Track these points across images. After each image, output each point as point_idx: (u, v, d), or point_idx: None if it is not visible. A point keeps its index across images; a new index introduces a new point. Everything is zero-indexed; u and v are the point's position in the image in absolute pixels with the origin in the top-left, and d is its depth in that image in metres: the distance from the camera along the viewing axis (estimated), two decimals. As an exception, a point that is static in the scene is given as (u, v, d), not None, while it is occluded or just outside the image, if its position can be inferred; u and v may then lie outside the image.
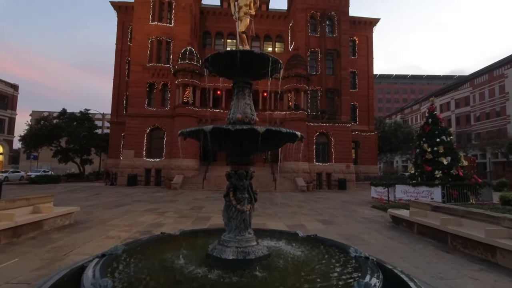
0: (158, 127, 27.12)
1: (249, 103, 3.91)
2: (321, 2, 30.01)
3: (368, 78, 34.17)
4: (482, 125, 51.54)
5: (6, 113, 43.53)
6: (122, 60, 31.98)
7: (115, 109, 31.79)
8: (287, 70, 27.11)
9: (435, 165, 15.55)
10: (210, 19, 33.38)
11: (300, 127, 26.70)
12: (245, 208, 3.57)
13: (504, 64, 55.01)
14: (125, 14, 32.13)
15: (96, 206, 12.52)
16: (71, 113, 36.83)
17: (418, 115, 70.56)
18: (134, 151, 26.59)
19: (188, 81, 26.11)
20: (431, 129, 16.29)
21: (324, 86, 29.12)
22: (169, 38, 28.01)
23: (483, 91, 52.20)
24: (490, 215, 6.37)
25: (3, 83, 43.13)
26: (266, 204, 14.20)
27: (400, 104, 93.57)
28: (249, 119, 3.78)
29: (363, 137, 32.75)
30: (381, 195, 15.74)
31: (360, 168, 31.65)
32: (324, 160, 28.04)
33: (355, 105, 33.17)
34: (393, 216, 9.45)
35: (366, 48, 34.56)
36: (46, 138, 32.86)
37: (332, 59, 29.89)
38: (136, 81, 27.44)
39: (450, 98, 59.90)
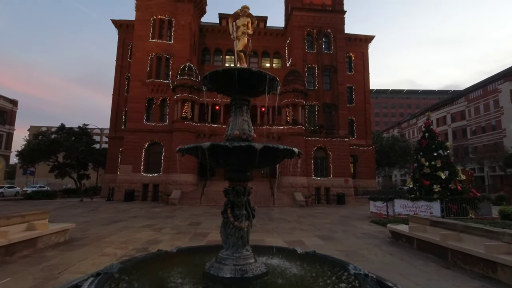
0: (156, 142, 27.14)
1: (246, 120, 3.97)
2: (317, 20, 30.83)
3: (364, 93, 34.66)
4: (479, 139, 51.94)
5: (4, 128, 43.49)
6: (122, 76, 32.37)
7: (114, 124, 31.89)
8: (285, 85, 27.50)
9: (433, 179, 15.55)
10: (209, 36, 34.12)
11: (298, 142, 26.80)
12: (243, 225, 3.55)
13: (497, 79, 56.12)
14: (125, 31, 32.81)
15: (92, 222, 12.34)
16: (70, 128, 36.86)
17: (415, 129, 71.13)
18: (132, 166, 26.47)
19: (186, 96, 26.36)
20: (428, 143, 16.39)
21: (321, 101, 29.47)
22: (169, 55, 28.49)
23: (478, 106, 52.94)
24: (489, 230, 6.34)
25: (3, 98, 43.32)
26: (265, 219, 14.06)
27: (397, 119, 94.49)
28: (246, 136, 3.83)
29: (361, 151, 32.87)
30: (380, 209, 15.65)
31: (358, 182, 31.59)
32: (322, 174, 28.00)
33: (353, 120, 33.47)
34: (393, 231, 9.37)
35: (362, 64, 35.25)
36: (43, 153, 32.72)
37: (329, 74, 30.40)
38: (135, 97, 27.69)
39: (446, 113, 60.63)
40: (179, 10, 29.16)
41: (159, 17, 28.58)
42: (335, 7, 31.56)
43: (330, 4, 31.78)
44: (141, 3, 28.91)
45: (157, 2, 28.61)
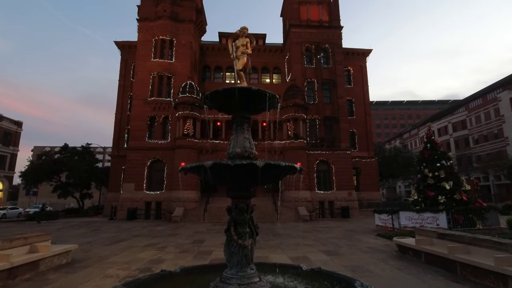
0: (158, 159, 27.21)
1: (248, 137, 4.02)
2: (315, 36, 31.50)
3: (364, 105, 34.89)
4: (482, 148, 51.69)
5: (8, 149, 43.85)
6: (124, 95, 32.88)
7: (116, 142, 32.12)
8: (285, 100, 27.78)
9: (437, 190, 15.40)
10: (209, 54, 34.85)
11: (300, 156, 26.81)
12: (246, 243, 3.54)
13: (496, 88, 56.43)
14: (128, 52, 33.59)
15: (95, 242, 12.23)
16: (73, 147, 37.10)
17: (417, 140, 70.99)
18: (135, 184, 26.44)
19: (188, 114, 26.64)
20: (431, 154, 16.34)
21: (322, 115, 29.65)
22: (170, 73, 29.02)
23: (479, 115, 53.01)
24: (498, 241, 6.23)
25: (8, 120, 43.93)
26: (269, 235, 13.88)
27: (398, 130, 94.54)
28: (248, 153, 3.87)
29: (363, 163, 32.74)
30: (386, 222, 15.42)
31: (362, 195, 31.28)
32: (325, 188, 27.80)
33: (354, 132, 33.53)
34: (399, 245, 9.21)
35: (361, 77, 35.67)
36: (46, 173, 32.83)
37: (329, 88, 30.73)
38: (137, 115, 28.01)
39: (447, 122, 60.67)
40: (180, 31, 29.94)
41: (161, 37, 29.31)
42: (332, 23, 32.29)
43: (327, 20, 32.55)
44: (143, 25, 29.74)
45: (159, 24, 29.43)
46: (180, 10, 30.40)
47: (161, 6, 29.67)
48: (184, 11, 30.53)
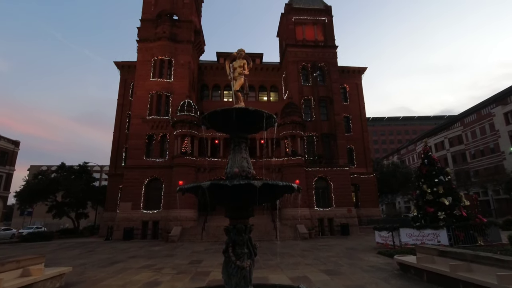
0: (156, 178, 27.03)
1: (245, 157, 4.06)
2: (311, 55, 32.27)
3: (361, 121, 35.23)
4: (479, 162, 51.89)
5: (5, 169, 43.47)
6: (123, 114, 33.06)
7: (114, 161, 31.97)
8: (283, 117, 28.05)
9: (437, 206, 15.33)
10: (207, 73, 35.47)
11: (299, 173, 26.76)
12: (245, 264, 3.49)
13: (489, 103, 57.44)
14: (127, 72, 34.11)
15: (89, 264, 11.93)
16: (70, 166, 36.84)
17: (414, 155, 71.26)
18: (132, 203, 26.10)
19: (186, 132, 26.75)
20: (428, 170, 16.38)
21: (319, 132, 29.86)
22: (169, 92, 29.38)
23: (474, 130, 53.60)
24: (500, 258, 6.16)
25: (5, 140, 43.82)
26: (267, 254, 13.62)
27: (396, 145, 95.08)
28: (246, 173, 3.89)
29: (362, 179, 32.66)
30: (386, 240, 15.22)
31: (362, 211, 31.00)
32: (325, 205, 27.56)
33: (352, 148, 33.66)
34: (400, 263, 9.07)
35: (357, 94, 36.23)
36: (42, 193, 32.39)
37: (325, 105, 31.13)
38: (135, 134, 28.07)
39: (443, 138, 61.18)
40: (179, 51, 30.59)
41: (160, 57, 29.90)
42: (327, 43, 33.19)
43: (322, 40, 33.47)
44: (142, 45, 30.39)
45: (158, 44, 30.10)
46: (179, 32, 31.19)
47: (160, 27, 30.47)
48: (183, 32, 31.32)
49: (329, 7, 34.74)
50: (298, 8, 34.33)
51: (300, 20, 33.80)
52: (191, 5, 32.82)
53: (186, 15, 32.26)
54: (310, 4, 35.21)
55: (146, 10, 31.86)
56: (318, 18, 34.14)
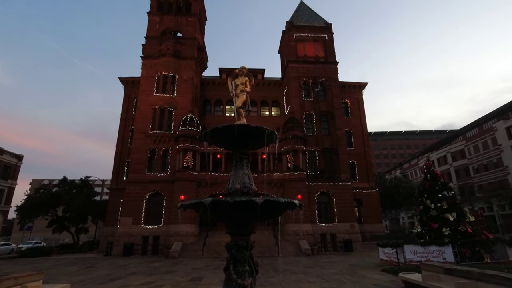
0: (157, 192, 26.94)
1: (247, 173, 4.08)
2: (312, 71, 32.75)
3: (363, 136, 35.28)
4: (483, 177, 51.39)
5: (7, 183, 43.50)
6: (126, 129, 33.36)
7: (116, 175, 31.98)
8: (285, 132, 28.17)
9: (441, 222, 15.11)
10: (210, 88, 35.97)
11: (300, 188, 26.60)
12: (246, 283, 3.46)
13: (491, 118, 57.54)
14: (131, 87, 34.67)
15: (88, 281, 11.74)
16: (72, 180, 36.85)
17: (417, 170, 70.78)
18: (132, 218, 25.90)
19: (188, 146, 26.86)
20: (431, 184, 16.25)
21: (321, 146, 29.88)
22: (171, 107, 29.72)
23: (477, 144, 53.41)
24: (507, 277, 6.04)
25: (9, 154, 44.09)
26: (269, 271, 13.36)
27: (398, 160, 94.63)
28: (247, 189, 3.91)
29: (364, 194, 32.36)
30: (390, 256, 14.93)
31: (365, 227, 30.55)
32: (327, 220, 27.22)
33: (354, 163, 33.55)
34: (405, 281, 8.87)
35: (358, 109, 36.47)
36: (43, 207, 32.26)
37: (327, 120, 31.29)
38: (138, 148, 28.20)
39: (446, 152, 60.91)
40: (182, 67, 31.17)
41: (163, 73, 30.44)
42: (328, 59, 33.73)
43: (323, 56, 34.05)
44: (147, 62, 31.03)
45: (162, 61, 30.71)
46: (183, 48, 31.90)
47: (164, 44, 31.19)
48: (186, 49, 32.02)
49: (329, 25, 35.52)
50: (299, 26, 35.12)
51: (301, 37, 34.51)
52: (194, 23, 33.70)
53: (190, 32, 33.08)
54: (311, 22, 36.05)
55: (151, 28, 32.73)
56: (318, 35, 34.86)
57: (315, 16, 37.60)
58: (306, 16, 37.48)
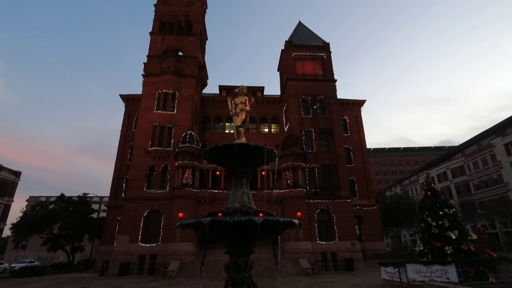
0: (156, 209, 26.63)
1: (246, 192, 4.09)
2: (311, 88, 33.25)
3: (362, 153, 35.33)
4: (483, 194, 51.04)
5: (3, 200, 43.04)
6: (125, 145, 33.40)
7: (114, 192, 31.71)
8: (284, 149, 28.24)
9: (443, 240, 14.87)
10: (209, 105, 36.37)
11: (300, 205, 26.37)
12: (245, 305, 3.38)
13: (489, 134, 57.83)
14: (132, 104, 35.02)
15: (83, 303, 11.39)
16: (69, 197, 36.43)
17: (417, 186, 70.40)
18: (130, 236, 25.45)
19: (187, 163, 26.82)
20: (432, 202, 16.13)
21: (320, 163, 29.86)
22: (171, 124, 29.91)
23: (476, 160, 53.41)
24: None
25: (7, 170, 43.89)
26: (269, 292, 13.01)
27: (398, 176, 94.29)
28: (247, 208, 3.90)
29: (365, 211, 32.02)
30: (393, 276, 14.61)
31: (366, 245, 30.01)
32: (327, 238, 26.78)
33: (353, 180, 33.40)
34: (408, 302, 8.64)
35: (357, 126, 36.73)
36: (39, 224, 31.69)
37: (326, 137, 31.45)
38: (137, 164, 28.13)
39: (445, 168, 60.80)
40: (183, 84, 31.64)
41: (164, 91, 30.85)
42: (326, 77, 34.35)
43: (322, 74, 34.69)
44: (148, 80, 31.53)
45: (163, 79, 31.22)
46: (184, 67, 32.51)
47: (166, 63, 31.80)
48: (187, 67, 32.63)
49: (327, 44, 36.42)
50: (298, 45, 36.01)
51: (300, 56, 35.29)
52: (195, 42, 34.53)
53: (191, 51, 33.82)
54: (309, 41, 36.98)
55: (153, 47, 33.48)
56: (317, 54, 35.66)
57: (313, 36, 38.61)
58: (304, 35, 38.50)
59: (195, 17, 36.16)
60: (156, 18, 35.40)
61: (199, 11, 36.78)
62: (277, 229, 3.66)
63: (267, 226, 3.35)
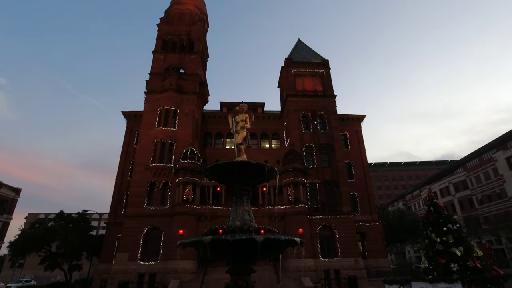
0: (156, 226, 26.34)
1: (247, 210, 4.09)
2: (311, 104, 33.62)
3: (363, 168, 35.23)
4: (487, 208, 50.41)
5: (2, 217, 42.66)
6: (126, 162, 33.43)
7: (114, 209, 31.45)
8: (285, 164, 28.23)
9: (448, 257, 14.59)
10: (210, 122, 36.67)
11: (302, 221, 26.08)
12: (246, 327, 3.32)
13: (490, 148, 57.78)
14: (134, 121, 35.33)
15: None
16: (69, 214, 36.05)
17: (420, 201, 69.68)
18: (129, 254, 25.05)
19: (188, 179, 26.77)
20: (435, 217, 15.94)
21: (322, 179, 29.75)
22: (172, 140, 30.07)
23: (478, 175, 53.11)
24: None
25: (7, 187, 43.73)
26: (272, 313, 12.65)
27: (400, 191, 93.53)
28: (248, 226, 3.89)
29: (367, 227, 31.56)
30: (398, 295, 14.23)
31: (370, 262, 29.37)
32: (330, 255, 26.29)
33: (355, 195, 33.15)
34: (415, 323, 8.39)
35: (357, 141, 36.82)
36: (37, 243, 31.22)
37: (327, 152, 31.49)
38: (137, 181, 28.07)
39: (448, 183, 60.38)
40: (184, 101, 32.05)
41: (166, 107, 31.23)
42: (326, 93, 34.79)
43: (321, 90, 35.16)
44: (150, 96, 31.98)
45: (165, 95, 31.67)
46: (185, 84, 33.06)
47: (168, 80, 32.37)
48: (189, 84, 33.17)
49: (326, 61, 37.11)
50: (297, 62, 36.71)
51: (300, 72, 35.89)
52: (197, 60, 35.25)
53: (192, 69, 34.48)
54: (308, 58, 37.72)
55: (155, 65, 34.18)
56: (316, 70, 36.29)
57: (312, 53, 39.41)
58: (303, 53, 39.31)
59: (197, 36, 37.09)
60: (159, 37, 36.31)
61: (200, 30, 37.76)
62: (278, 247, 3.65)
63: (268, 244, 3.35)
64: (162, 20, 37.65)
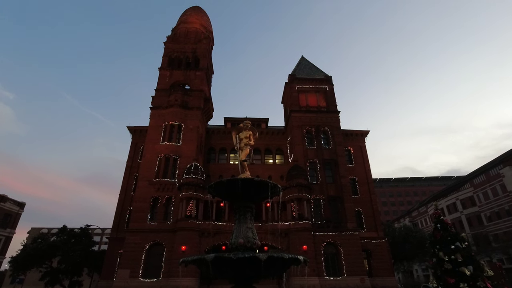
0: (158, 242, 26.07)
1: (250, 227, 4.08)
2: (314, 120, 33.78)
3: (368, 183, 34.87)
4: (497, 226, 49.15)
5: (5, 232, 42.51)
6: (130, 176, 33.54)
7: (117, 224, 31.31)
8: (289, 180, 28.08)
9: (458, 277, 14.13)
10: (215, 137, 36.90)
11: (306, 238, 25.67)
12: None
13: (496, 164, 56.97)
14: (139, 136, 35.74)
15: None
16: (71, 229, 35.90)
17: (426, 218, 68.27)
18: (130, 271, 24.70)
19: (192, 194, 26.69)
20: (443, 235, 15.55)
21: (326, 194, 29.47)
22: (176, 155, 30.23)
23: (486, 191, 52.15)
24: None
25: (11, 202, 43.82)
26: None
27: (406, 207, 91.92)
28: (251, 244, 3.88)
29: (373, 245, 30.87)
30: (406, 316, 13.75)
31: (376, 281, 28.55)
32: (335, 273, 25.65)
33: (360, 211, 32.64)
34: None
35: (361, 156, 36.64)
36: (39, 258, 30.98)
37: (331, 168, 31.33)
38: (141, 196, 28.05)
39: (455, 199, 59.29)
40: (189, 117, 32.45)
41: (170, 122, 31.61)
42: (329, 109, 35.02)
43: (325, 106, 35.42)
44: (155, 112, 32.46)
45: (170, 111, 32.13)
46: (190, 99, 33.58)
47: (173, 96, 32.93)
48: (194, 100, 33.69)
49: (329, 77, 37.56)
50: (301, 78, 37.20)
51: (303, 88, 36.32)
52: (202, 76, 35.94)
53: (197, 85, 35.11)
54: (312, 75, 38.22)
55: (161, 81, 34.91)
56: (319, 86, 36.70)
57: (315, 69, 39.97)
58: (307, 69, 39.90)
59: (202, 54, 37.97)
60: (165, 55, 37.23)
61: (206, 48, 38.69)
62: (282, 265, 3.61)
63: (272, 262, 3.33)
64: (169, 39, 38.72)
